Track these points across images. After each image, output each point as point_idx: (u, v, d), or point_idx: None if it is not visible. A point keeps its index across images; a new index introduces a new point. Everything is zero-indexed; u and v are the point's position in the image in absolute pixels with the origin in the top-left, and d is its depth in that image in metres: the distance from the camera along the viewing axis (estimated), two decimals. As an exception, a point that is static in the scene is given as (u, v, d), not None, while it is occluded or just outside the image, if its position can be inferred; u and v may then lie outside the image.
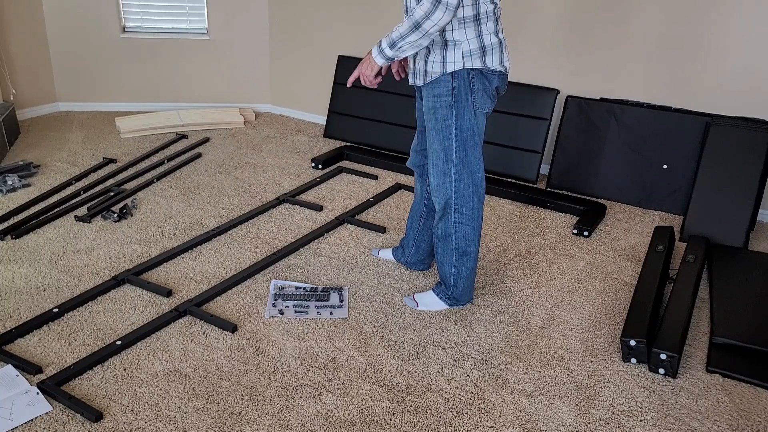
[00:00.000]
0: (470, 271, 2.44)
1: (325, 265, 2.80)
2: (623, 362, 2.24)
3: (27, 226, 2.96)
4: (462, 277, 2.44)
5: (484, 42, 2.18)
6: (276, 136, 4.51)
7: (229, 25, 4.77)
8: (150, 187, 3.52)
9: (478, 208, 2.37)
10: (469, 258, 2.41)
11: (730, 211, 3.14)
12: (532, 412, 1.99)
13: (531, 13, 3.81)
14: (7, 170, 3.51)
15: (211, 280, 2.62)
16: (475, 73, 2.21)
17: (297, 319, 2.39)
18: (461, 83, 2.21)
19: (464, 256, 2.41)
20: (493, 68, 2.22)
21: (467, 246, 2.39)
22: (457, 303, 2.49)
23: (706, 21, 3.37)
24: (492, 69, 2.22)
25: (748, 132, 3.18)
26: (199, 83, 4.90)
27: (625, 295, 2.67)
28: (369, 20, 4.36)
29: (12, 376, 2.00)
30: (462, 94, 2.22)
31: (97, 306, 2.42)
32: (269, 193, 3.54)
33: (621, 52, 3.63)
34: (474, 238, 2.39)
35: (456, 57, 2.18)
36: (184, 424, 1.87)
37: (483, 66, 2.20)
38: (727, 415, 2.02)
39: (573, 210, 3.44)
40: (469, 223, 2.36)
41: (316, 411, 1.95)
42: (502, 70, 2.25)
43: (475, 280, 2.56)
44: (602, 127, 3.66)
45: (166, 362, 2.12)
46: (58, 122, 4.53)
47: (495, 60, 2.22)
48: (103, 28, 4.62)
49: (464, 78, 2.20)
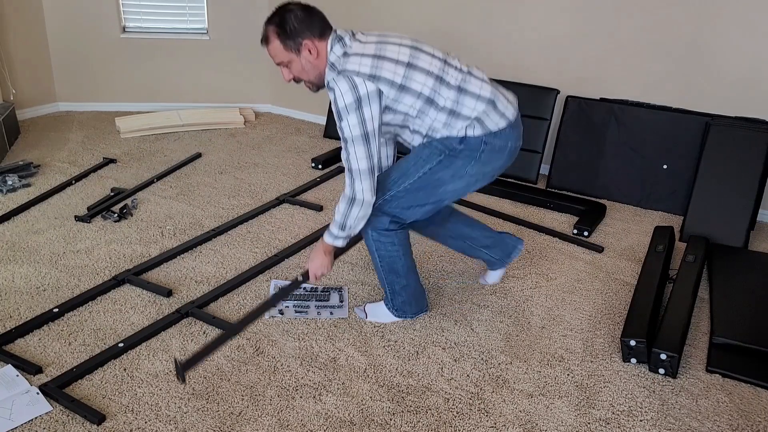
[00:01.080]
0: (404, 287, 2.32)
1: (325, 265, 2.80)
2: (623, 362, 2.24)
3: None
4: (396, 292, 2.33)
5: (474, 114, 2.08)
6: (276, 136, 4.51)
7: (229, 25, 4.77)
8: (150, 187, 3.52)
9: (403, 235, 2.25)
10: (399, 274, 2.29)
11: (730, 211, 3.14)
12: (532, 412, 1.99)
13: (531, 13, 3.81)
14: (7, 170, 3.51)
15: (211, 280, 2.62)
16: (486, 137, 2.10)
17: (297, 319, 2.39)
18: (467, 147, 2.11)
19: (392, 272, 2.29)
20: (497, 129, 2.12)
21: (392, 263, 2.26)
22: (404, 314, 2.39)
23: (706, 21, 3.37)
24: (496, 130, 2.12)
25: (748, 132, 3.18)
26: (199, 83, 4.90)
27: (625, 295, 2.67)
28: (368, 20, 4.37)
29: (12, 376, 2.00)
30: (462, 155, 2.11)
31: (97, 306, 2.42)
32: (269, 193, 3.54)
33: (621, 52, 3.63)
34: (398, 255, 2.25)
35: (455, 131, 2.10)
36: (184, 424, 1.87)
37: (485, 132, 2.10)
38: (727, 415, 2.02)
39: (573, 210, 3.44)
40: (388, 241, 2.22)
41: (316, 411, 1.95)
42: (504, 125, 2.13)
43: (419, 293, 2.40)
44: (602, 127, 3.66)
45: (167, 362, 2.12)
46: (58, 122, 4.53)
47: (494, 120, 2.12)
48: (103, 28, 4.62)
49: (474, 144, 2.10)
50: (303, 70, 2.08)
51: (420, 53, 2.06)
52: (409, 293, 2.35)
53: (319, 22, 2.04)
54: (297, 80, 2.14)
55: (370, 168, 2.02)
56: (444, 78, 2.06)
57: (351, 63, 1.97)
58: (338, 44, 2.04)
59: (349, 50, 2.02)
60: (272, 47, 2.07)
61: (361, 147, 1.98)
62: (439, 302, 2.55)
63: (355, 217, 2.09)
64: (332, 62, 2.04)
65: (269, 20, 2.07)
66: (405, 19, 4.24)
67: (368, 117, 1.97)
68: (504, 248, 2.52)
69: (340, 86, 1.94)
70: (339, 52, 2.03)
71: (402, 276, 2.30)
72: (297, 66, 2.08)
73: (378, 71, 1.96)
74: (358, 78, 1.94)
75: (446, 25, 4.10)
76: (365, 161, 2.00)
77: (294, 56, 2.06)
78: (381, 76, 1.97)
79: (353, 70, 1.95)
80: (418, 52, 2.06)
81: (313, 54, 2.04)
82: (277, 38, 2.05)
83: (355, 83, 1.93)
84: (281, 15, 2.04)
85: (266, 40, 2.08)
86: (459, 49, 4.09)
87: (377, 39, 2.06)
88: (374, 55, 1.99)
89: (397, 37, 2.10)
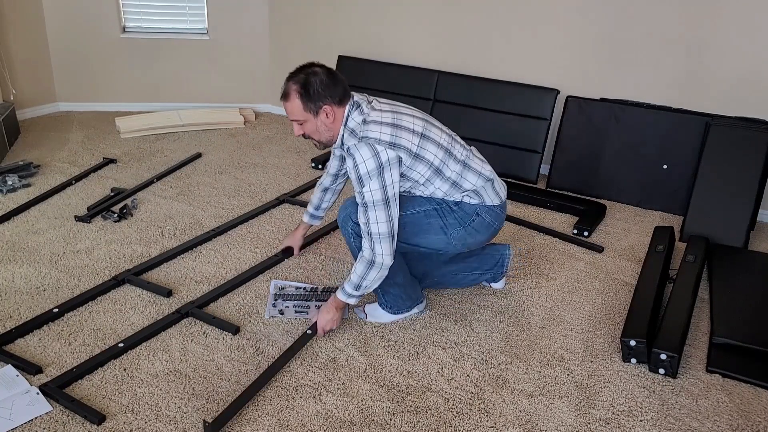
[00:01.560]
0: (392, 284, 2.30)
1: (326, 265, 2.80)
2: (623, 362, 2.24)
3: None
4: (386, 290, 2.33)
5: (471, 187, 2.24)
6: (276, 136, 4.51)
7: (229, 25, 4.77)
8: (150, 187, 3.52)
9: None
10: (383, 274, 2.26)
11: (730, 211, 3.14)
12: (532, 412, 1.99)
13: (531, 13, 3.81)
14: (7, 170, 3.51)
15: (211, 280, 2.62)
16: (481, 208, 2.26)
17: (297, 320, 2.39)
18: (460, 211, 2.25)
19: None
20: (491, 204, 2.28)
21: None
22: (399, 310, 2.39)
23: (706, 21, 3.37)
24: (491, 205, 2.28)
25: (748, 132, 3.18)
26: (199, 83, 4.90)
27: (625, 295, 2.67)
28: (369, 20, 4.36)
29: (12, 376, 2.00)
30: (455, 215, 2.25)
31: (97, 306, 2.42)
32: (269, 193, 3.54)
33: (621, 52, 3.63)
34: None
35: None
36: (184, 424, 1.87)
37: (481, 202, 2.26)
38: (727, 415, 2.01)
39: (573, 210, 3.44)
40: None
41: (316, 411, 1.95)
42: (498, 203, 2.30)
43: (411, 286, 2.39)
44: (602, 127, 3.66)
45: (166, 362, 2.12)
46: (58, 122, 4.53)
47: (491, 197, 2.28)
48: (103, 28, 4.62)
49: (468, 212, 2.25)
50: (316, 131, 2.16)
51: (431, 126, 2.21)
52: (399, 288, 2.34)
53: (341, 89, 2.12)
54: (306, 137, 2.20)
55: (390, 232, 2.09)
56: (452, 151, 2.21)
57: (372, 131, 2.08)
58: (356, 111, 2.14)
59: (367, 117, 2.12)
60: (292, 105, 2.12)
61: (382, 211, 2.06)
62: (439, 302, 2.55)
63: (372, 279, 2.15)
64: (352, 128, 2.12)
65: (293, 78, 2.12)
66: (406, 18, 4.24)
67: (389, 182, 2.07)
68: (492, 261, 2.56)
69: (362, 153, 2.03)
70: (358, 119, 2.12)
71: (389, 275, 2.28)
72: (311, 126, 2.15)
73: (397, 140, 2.09)
74: (380, 146, 2.05)
75: (446, 25, 4.10)
76: (385, 225, 2.07)
77: (311, 117, 2.13)
78: (400, 144, 2.09)
79: (375, 138, 2.06)
80: (429, 125, 2.21)
81: (330, 118, 2.12)
82: (299, 98, 2.10)
83: (377, 150, 2.04)
84: (306, 77, 2.10)
85: (287, 96, 2.12)
86: (459, 49, 4.09)
87: (391, 108, 2.19)
88: (392, 124, 2.11)
89: (407, 108, 2.24)
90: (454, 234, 2.26)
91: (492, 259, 2.54)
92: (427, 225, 2.24)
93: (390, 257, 2.12)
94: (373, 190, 2.04)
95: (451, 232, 2.25)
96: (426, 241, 2.27)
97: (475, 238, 2.30)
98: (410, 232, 2.24)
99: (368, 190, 2.05)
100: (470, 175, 2.24)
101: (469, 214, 2.25)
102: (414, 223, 2.23)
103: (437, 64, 4.17)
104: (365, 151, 2.04)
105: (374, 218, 2.06)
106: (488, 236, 2.33)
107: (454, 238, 2.26)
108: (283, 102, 2.15)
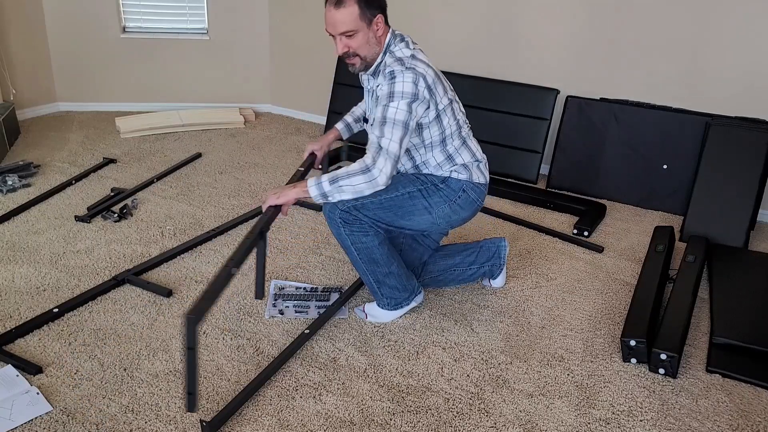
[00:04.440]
0: (386, 274, 2.30)
1: (325, 265, 2.80)
2: (623, 362, 2.24)
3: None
4: (381, 282, 2.31)
5: (461, 161, 2.30)
6: (276, 136, 4.51)
7: (229, 25, 4.77)
8: (150, 187, 3.52)
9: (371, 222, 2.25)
10: (379, 263, 2.27)
11: (730, 211, 3.14)
12: (532, 412, 1.99)
13: (531, 13, 3.81)
14: (7, 170, 3.51)
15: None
16: (466, 184, 2.30)
17: (297, 319, 2.39)
18: (448, 188, 2.28)
19: (372, 262, 2.27)
20: (477, 182, 2.32)
21: (370, 253, 2.24)
22: (397, 304, 2.38)
23: (706, 21, 3.37)
24: (477, 183, 2.32)
25: (748, 132, 3.18)
26: (199, 83, 4.90)
27: (625, 295, 2.67)
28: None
29: (12, 376, 2.00)
30: (440, 194, 2.27)
31: (97, 306, 2.42)
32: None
33: (621, 52, 3.63)
34: (373, 244, 2.23)
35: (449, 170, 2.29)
36: (184, 424, 1.87)
37: (469, 179, 2.30)
38: (727, 415, 2.02)
39: (573, 210, 3.44)
40: (360, 231, 2.21)
41: (316, 411, 1.95)
42: (483, 181, 2.35)
43: (404, 277, 2.36)
44: (602, 127, 3.66)
45: (166, 362, 2.12)
46: (58, 122, 4.53)
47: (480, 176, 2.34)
48: (103, 28, 4.62)
49: (455, 188, 2.28)
50: (366, 44, 2.12)
51: (455, 102, 2.30)
52: (395, 278, 2.32)
53: (385, 6, 2.15)
54: (348, 55, 2.14)
55: (396, 155, 2.08)
56: (461, 129, 2.29)
57: (420, 66, 2.10)
58: (402, 43, 2.16)
59: (417, 54, 2.16)
60: (346, 12, 2.04)
61: (399, 131, 2.06)
62: (439, 302, 2.55)
63: (355, 183, 2.07)
64: (400, 58, 2.13)
65: None
66: (406, 18, 4.24)
67: (414, 112, 2.09)
68: (488, 253, 2.57)
69: (405, 76, 2.06)
70: (407, 52, 2.14)
71: (383, 264, 2.28)
72: (362, 38, 2.10)
73: (435, 87, 2.14)
74: (422, 82, 2.08)
75: (446, 25, 4.10)
76: (396, 145, 2.07)
77: (364, 27, 2.09)
78: (434, 94, 2.14)
79: (421, 73, 2.09)
80: (456, 98, 2.31)
81: (380, 31, 2.12)
82: (356, 4, 2.04)
83: (418, 82, 2.07)
84: None
85: (342, 2, 2.04)
86: (459, 49, 4.09)
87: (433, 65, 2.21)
88: (436, 75, 2.16)
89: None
90: (439, 212, 2.27)
91: (488, 251, 2.55)
92: (411, 206, 2.24)
93: (385, 178, 2.06)
94: (400, 109, 2.05)
95: (436, 211, 2.26)
96: (410, 222, 2.27)
97: (459, 215, 2.32)
98: (395, 215, 2.23)
99: (395, 107, 2.05)
100: (465, 153, 2.30)
101: (455, 191, 2.27)
102: (399, 206, 2.23)
103: (437, 63, 4.16)
104: (409, 75, 2.06)
105: (389, 134, 2.05)
106: (471, 213, 2.35)
107: (439, 216, 2.28)
108: (333, 9, 2.04)
